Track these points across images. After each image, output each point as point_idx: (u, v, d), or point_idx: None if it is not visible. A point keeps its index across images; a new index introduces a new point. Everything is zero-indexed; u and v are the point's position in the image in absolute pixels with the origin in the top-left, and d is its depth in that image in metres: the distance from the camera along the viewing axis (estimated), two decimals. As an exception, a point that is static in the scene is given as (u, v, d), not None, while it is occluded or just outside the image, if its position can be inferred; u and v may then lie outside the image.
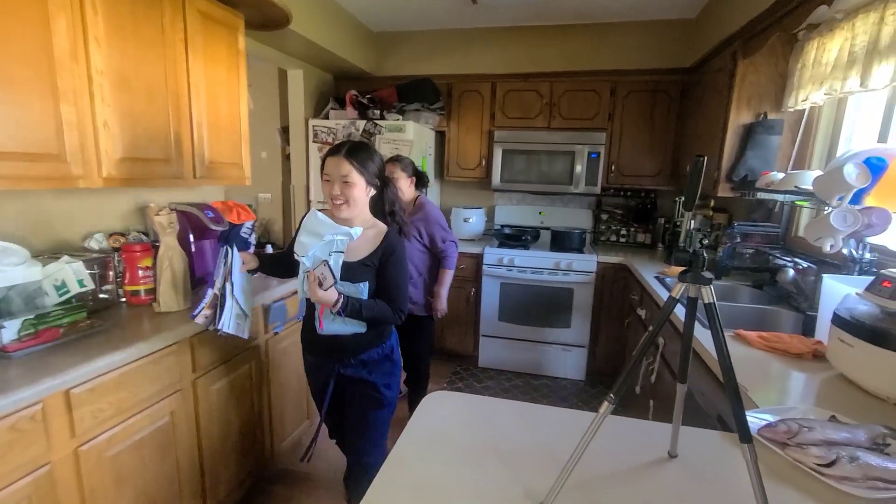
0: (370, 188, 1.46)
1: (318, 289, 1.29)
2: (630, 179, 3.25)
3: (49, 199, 1.64)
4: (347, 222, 1.43)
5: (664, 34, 3.10)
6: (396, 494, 0.75)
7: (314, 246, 1.40)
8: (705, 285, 0.62)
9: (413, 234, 2.21)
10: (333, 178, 1.39)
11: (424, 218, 2.27)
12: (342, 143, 1.44)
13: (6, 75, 1.20)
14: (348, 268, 1.41)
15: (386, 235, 1.46)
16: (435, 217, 2.29)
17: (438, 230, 2.27)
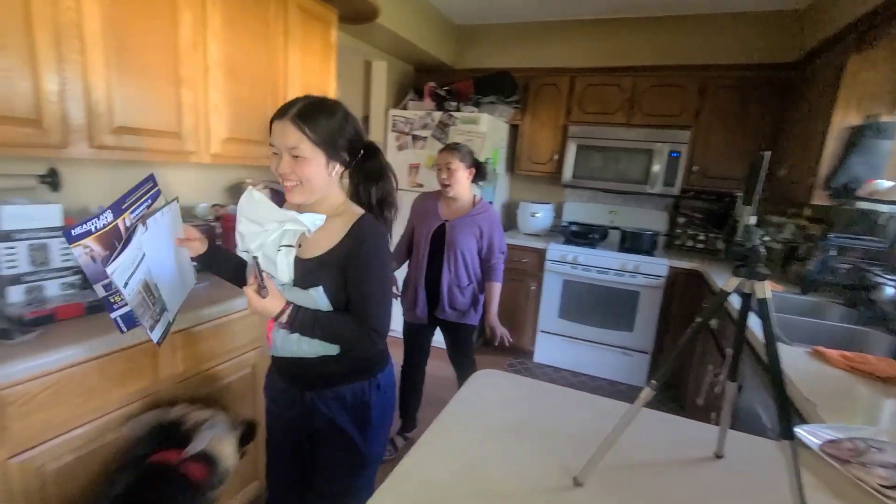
0: (334, 164, 1.03)
1: (255, 296, 0.94)
2: (714, 182, 3.05)
3: (165, 170, 1.90)
4: (306, 210, 1.04)
5: (764, 26, 2.86)
6: (438, 456, 0.82)
7: (256, 236, 1.03)
8: (760, 281, 0.61)
9: (473, 232, 2.02)
10: (280, 150, 0.99)
11: (490, 219, 2.05)
12: (293, 101, 1.01)
13: (142, 64, 1.42)
14: (301, 268, 1.03)
15: (357, 223, 1.03)
16: (499, 221, 2.11)
17: (500, 237, 2.07)
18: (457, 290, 2.08)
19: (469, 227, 2.02)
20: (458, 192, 2.02)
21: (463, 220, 2.04)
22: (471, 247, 2.03)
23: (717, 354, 2.03)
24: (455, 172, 1.97)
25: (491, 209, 2.10)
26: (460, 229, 2.02)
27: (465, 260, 2.04)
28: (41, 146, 1.22)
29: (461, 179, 1.99)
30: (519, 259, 3.36)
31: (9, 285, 1.19)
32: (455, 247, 2.02)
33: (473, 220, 2.03)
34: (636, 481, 0.78)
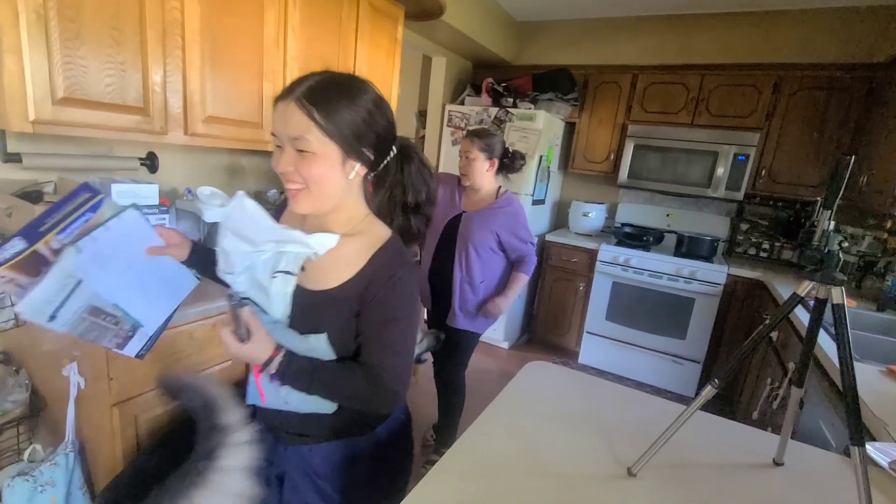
0: (353, 165, 0.78)
1: (232, 340, 0.73)
2: (783, 188, 2.89)
3: (241, 157, 2.05)
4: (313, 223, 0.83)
5: (850, 24, 2.66)
6: (497, 435, 0.87)
7: (245, 258, 0.80)
8: (837, 286, 0.61)
9: (491, 227, 1.84)
10: (282, 141, 0.75)
11: (512, 213, 1.86)
12: (305, 76, 0.76)
13: (232, 59, 1.55)
14: (302, 302, 0.79)
15: (383, 248, 0.80)
16: (522, 215, 1.90)
17: (525, 231, 1.89)
18: (468, 288, 1.89)
19: (487, 221, 1.84)
20: (477, 182, 1.86)
21: (481, 214, 1.86)
22: (487, 243, 1.85)
23: (778, 367, 1.95)
24: (473, 162, 1.83)
25: (515, 202, 1.90)
26: (477, 223, 1.85)
27: (480, 256, 1.87)
28: (146, 132, 1.37)
29: (479, 171, 1.84)
30: (568, 258, 3.33)
31: (115, 254, 1.34)
32: (468, 241, 1.85)
33: (493, 214, 1.85)
34: (690, 479, 0.79)
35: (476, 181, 1.87)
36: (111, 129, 1.29)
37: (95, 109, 1.23)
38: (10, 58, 1.07)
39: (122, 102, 1.29)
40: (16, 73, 1.08)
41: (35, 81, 1.11)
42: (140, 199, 1.39)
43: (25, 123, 1.12)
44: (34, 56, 1.10)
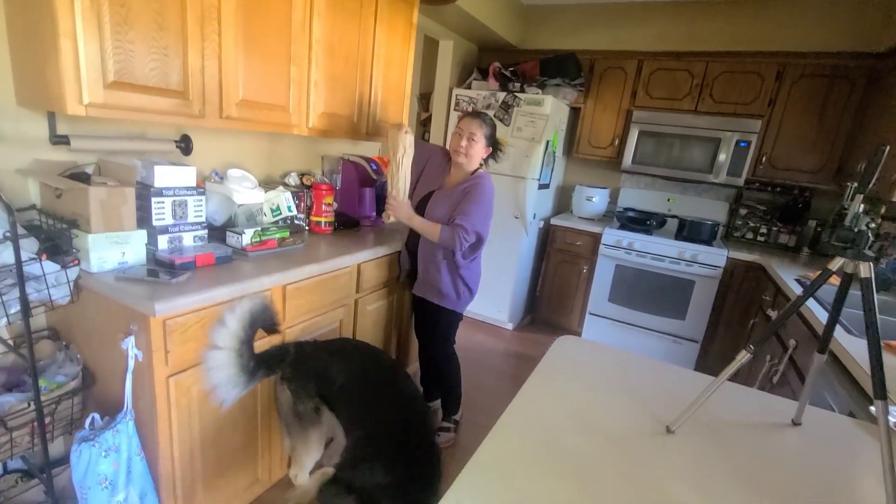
0: None
1: None
2: (782, 174, 2.99)
3: (267, 140, 2.08)
4: None
5: (853, 12, 2.73)
6: (547, 399, 0.95)
7: None
8: (865, 262, 0.69)
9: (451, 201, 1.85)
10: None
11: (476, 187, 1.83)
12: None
13: (262, 44, 1.58)
14: None
15: None
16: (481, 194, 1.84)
17: (475, 209, 1.81)
18: (431, 265, 1.92)
19: (449, 198, 1.87)
20: (470, 163, 1.88)
21: (447, 192, 1.89)
22: (445, 219, 1.85)
23: (778, 345, 2.06)
24: (475, 145, 1.84)
25: (483, 181, 1.86)
26: (442, 202, 1.88)
27: None
28: (185, 115, 1.40)
29: (477, 154, 1.87)
30: (572, 242, 3.42)
31: (159, 235, 1.39)
32: (430, 216, 1.87)
33: (457, 190, 1.86)
34: (721, 436, 0.88)
35: (470, 163, 1.89)
36: (154, 113, 1.32)
37: (141, 93, 1.27)
38: (66, 42, 1.10)
39: (165, 86, 1.32)
40: (70, 57, 1.11)
41: (88, 65, 1.14)
42: (179, 180, 1.43)
43: (79, 107, 1.15)
44: (88, 40, 1.13)
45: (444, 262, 1.91)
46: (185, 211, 1.46)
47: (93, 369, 1.36)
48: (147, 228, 1.36)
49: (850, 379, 1.31)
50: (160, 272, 1.30)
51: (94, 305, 1.28)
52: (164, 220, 1.41)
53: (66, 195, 1.25)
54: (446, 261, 1.91)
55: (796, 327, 1.88)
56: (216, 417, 1.40)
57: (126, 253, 1.31)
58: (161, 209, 1.39)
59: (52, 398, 1.25)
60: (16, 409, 1.21)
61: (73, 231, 1.23)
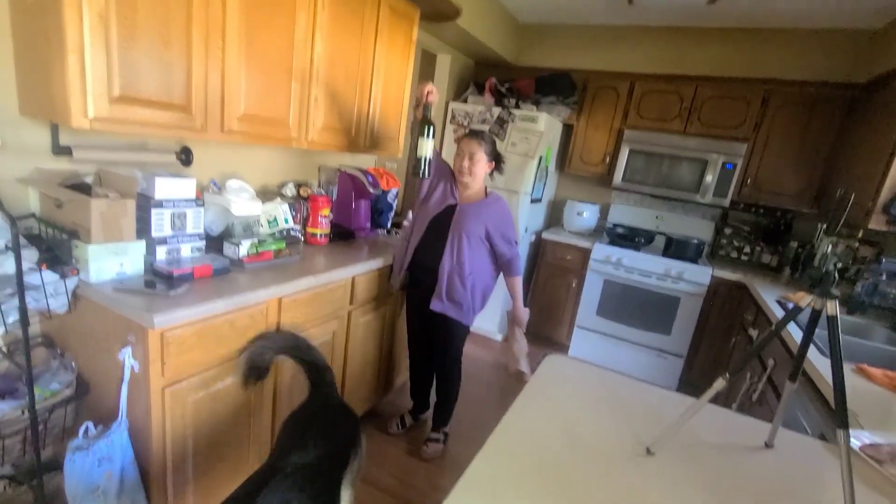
0: None
1: None
2: (766, 196, 3.08)
3: (265, 151, 2.11)
4: None
5: (836, 45, 2.85)
6: (538, 414, 0.99)
7: None
8: (832, 300, 0.74)
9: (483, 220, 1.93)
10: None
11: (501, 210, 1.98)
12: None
13: (264, 58, 1.61)
14: None
15: None
16: (509, 214, 2.02)
17: (511, 229, 1.99)
18: (457, 278, 1.94)
19: (479, 214, 1.94)
20: (474, 183, 1.96)
21: (475, 207, 1.95)
22: (477, 232, 1.93)
23: (758, 364, 2.13)
24: (477, 164, 1.92)
25: (503, 201, 2.02)
26: (472, 216, 1.93)
27: (472, 245, 1.93)
28: (187, 129, 1.43)
29: (480, 172, 1.95)
30: (563, 256, 3.49)
31: (157, 246, 1.41)
32: (462, 231, 1.91)
33: (485, 208, 1.95)
34: (698, 458, 0.93)
35: (474, 182, 1.97)
36: (157, 127, 1.35)
37: (145, 107, 1.29)
38: (73, 57, 1.12)
39: (169, 100, 1.35)
40: (77, 72, 1.14)
41: (95, 79, 1.16)
42: (179, 192, 1.46)
43: (84, 120, 1.17)
44: (95, 55, 1.15)
45: (471, 275, 1.95)
46: (183, 222, 1.48)
47: (87, 378, 1.37)
48: (146, 239, 1.38)
49: (823, 401, 1.37)
50: (157, 283, 1.32)
51: (92, 315, 1.30)
52: (164, 231, 1.43)
53: (67, 206, 1.27)
54: (472, 274, 1.96)
55: (775, 348, 1.95)
56: (210, 429, 1.41)
57: (124, 263, 1.33)
58: (160, 220, 1.42)
59: (46, 406, 1.26)
60: (9, 417, 1.21)
61: (73, 241, 1.25)
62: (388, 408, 2.48)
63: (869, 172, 2.30)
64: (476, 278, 1.98)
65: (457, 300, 1.97)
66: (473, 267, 1.95)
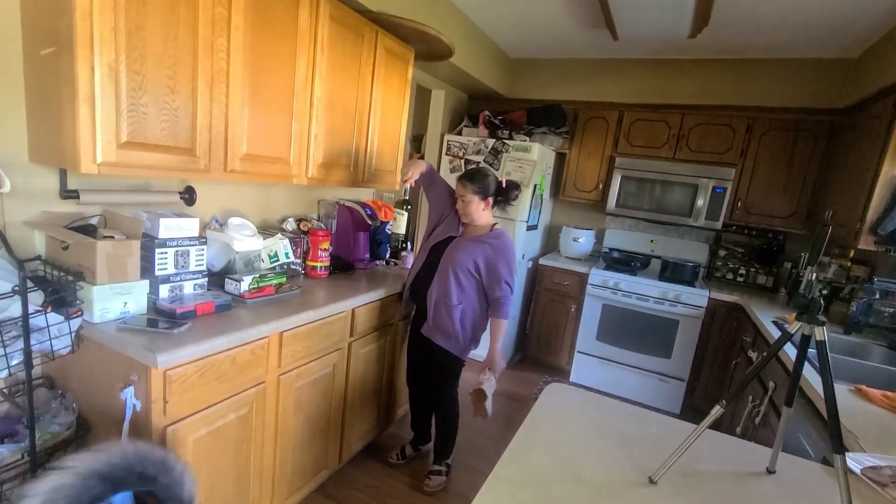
0: None
1: None
2: (757, 218, 3.15)
3: (265, 187, 2.16)
4: None
5: (815, 73, 2.97)
6: (538, 447, 1.00)
7: None
8: (819, 326, 0.77)
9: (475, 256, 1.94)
10: None
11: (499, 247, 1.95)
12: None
13: (266, 102, 1.68)
14: None
15: None
16: (509, 252, 1.98)
17: (505, 269, 1.95)
18: (443, 308, 1.96)
19: (473, 249, 1.95)
20: (474, 220, 2.02)
21: (471, 241, 1.98)
22: (466, 267, 1.94)
23: (759, 386, 2.13)
24: (469, 205, 1.97)
25: (504, 238, 1.99)
26: (464, 249, 1.96)
27: (459, 280, 1.94)
28: (192, 170, 1.47)
29: (475, 211, 1.99)
30: (560, 281, 3.51)
31: (160, 284, 1.44)
32: (450, 262, 1.95)
33: (481, 244, 1.95)
34: (700, 486, 0.93)
35: (474, 220, 2.02)
36: (162, 169, 1.39)
37: (151, 151, 1.34)
38: (84, 106, 1.18)
39: (174, 144, 1.40)
40: (88, 120, 1.19)
41: (104, 127, 1.21)
42: (183, 231, 1.49)
43: (92, 165, 1.21)
44: (105, 105, 1.21)
45: (457, 306, 1.96)
46: (186, 260, 1.51)
47: (87, 418, 1.37)
48: (149, 278, 1.41)
49: (823, 423, 1.37)
50: (160, 322, 1.34)
51: (94, 355, 1.31)
52: (167, 269, 1.46)
53: (73, 248, 1.29)
54: (461, 305, 1.96)
55: (775, 370, 1.96)
56: (211, 468, 1.40)
57: (128, 303, 1.35)
58: (164, 259, 1.44)
59: (46, 448, 1.25)
60: (9, 461, 1.21)
61: (78, 283, 1.27)
62: (390, 440, 2.45)
63: (855, 194, 2.36)
64: (465, 311, 1.98)
65: (443, 329, 1.98)
66: (462, 299, 1.96)
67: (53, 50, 1.20)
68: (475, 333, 2.05)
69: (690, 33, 2.67)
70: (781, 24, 2.59)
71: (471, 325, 2.02)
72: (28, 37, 1.29)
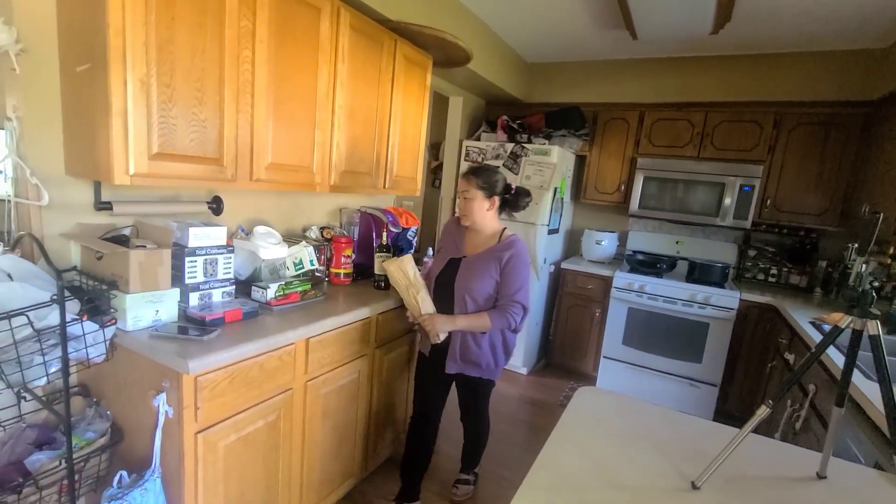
0: None
1: None
2: (788, 216, 3.04)
3: (290, 196, 2.19)
4: None
5: (844, 65, 2.87)
6: (569, 453, 0.97)
7: None
8: (872, 319, 0.73)
9: (490, 272, 1.73)
10: None
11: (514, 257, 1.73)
12: None
13: (290, 112, 1.70)
14: None
15: None
16: (523, 262, 1.75)
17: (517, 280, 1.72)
18: (471, 339, 1.77)
19: (486, 264, 1.73)
20: (477, 223, 1.79)
21: (481, 258, 1.75)
22: (485, 289, 1.73)
23: (798, 390, 2.04)
24: (471, 202, 1.75)
25: (519, 247, 1.75)
26: (476, 269, 1.74)
27: (481, 304, 1.74)
28: (219, 180, 1.50)
29: (477, 210, 1.75)
30: (584, 285, 3.45)
31: (190, 292, 1.46)
32: (465, 290, 1.74)
33: (493, 260, 1.73)
34: (747, 492, 0.89)
35: (476, 221, 1.79)
36: (191, 179, 1.42)
37: (181, 162, 1.37)
38: (117, 119, 1.21)
39: (203, 154, 1.43)
40: (120, 133, 1.22)
41: (136, 140, 1.25)
42: (211, 240, 1.52)
43: (125, 177, 1.25)
44: (137, 117, 1.24)
45: (485, 335, 1.77)
46: (215, 268, 1.54)
47: (121, 425, 1.39)
48: (179, 286, 1.43)
49: (874, 428, 1.30)
50: (190, 329, 1.36)
51: (127, 362, 1.33)
52: (196, 277, 1.48)
53: (107, 257, 1.33)
54: (489, 334, 1.78)
55: (815, 372, 1.87)
56: (240, 474, 1.41)
57: (160, 311, 1.37)
58: (194, 268, 1.47)
59: (82, 455, 1.28)
60: (47, 468, 1.23)
61: (111, 291, 1.30)
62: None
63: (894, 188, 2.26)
64: (494, 336, 1.80)
65: (473, 361, 1.80)
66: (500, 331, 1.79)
67: (88, 66, 1.25)
68: (508, 353, 1.89)
69: (713, 29, 2.61)
70: (807, 17, 2.52)
71: (502, 345, 1.83)
72: (64, 55, 1.34)
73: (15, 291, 1.14)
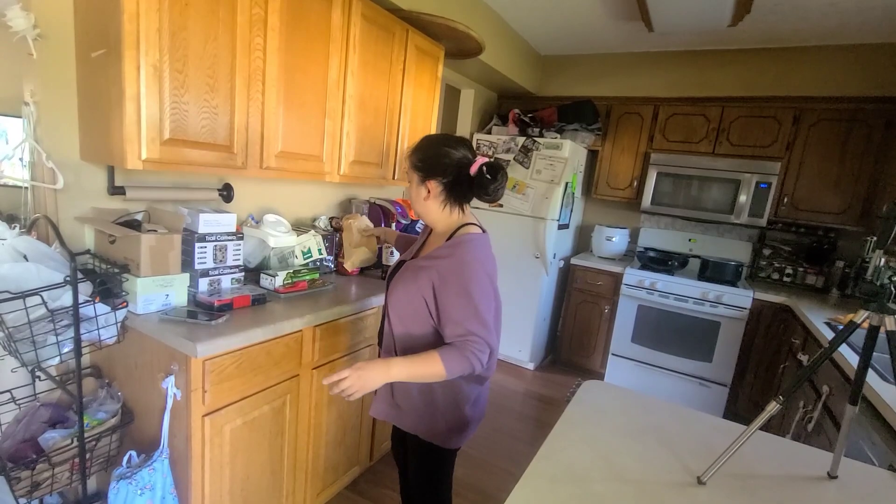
0: None
1: None
2: (806, 215, 2.97)
3: (300, 185, 2.20)
4: None
5: (869, 59, 2.79)
6: (574, 445, 0.96)
7: None
8: (890, 315, 0.70)
9: (420, 286, 1.17)
10: None
11: (452, 266, 1.14)
12: None
13: (301, 100, 1.70)
14: None
15: None
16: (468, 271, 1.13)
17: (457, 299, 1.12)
18: None
19: (414, 274, 1.20)
20: (421, 216, 1.27)
21: (415, 264, 1.22)
22: (408, 308, 1.19)
23: (810, 390, 2.00)
24: (410, 187, 1.27)
25: (463, 250, 1.15)
26: (404, 280, 1.22)
27: (407, 326, 1.21)
28: (229, 167, 1.51)
29: (418, 199, 1.24)
30: (593, 281, 3.42)
31: (200, 278, 1.48)
32: (389, 304, 1.25)
33: (427, 264, 1.18)
34: (755, 489, 0.87)
35: (420, 214, 1.27)
36: (202, 166, 1.43)
37: (192, 148, 1.38)
38: (131, 105, 1.22)
39: (213, 141, 1.44)
40: (133, 118, 1.23)
41: (148, 125, 1.26)
42: (221, 226, 1.53)
43: (138, 162, 1.26)
44: (149, 103, 1.25)
45: None
46: (224, 255, 1.55)
47: (132, 407, 1.42)
48: (189, 271, 1.45)
49: (888, 429, 1.27)
50: (199, 313, 1.37)
51: (138, 345, 1.35)
52: (206, 263, 1.50)
53: (120, 241, 1.35)
54: None
55: (829, 373, 1.83)
56: (246, 458, 1.42)
57: (170, 295, 1.39)
58: (203, 254, 1.48)
59: (94, 434, 1.30)
60: (60, 446, 1.26)
61: (123, 275, 1.32)
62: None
63: (916, 186, 2.20)
64: None
65: (400, 405, 1.26)
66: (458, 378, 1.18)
67: (103, 52, 1.26)
68: (457, 404, 1.23)
69: (731, 21, 2.55)
70: (830, 9, 2.45)
71: (451, 397, 1.22)
72: (80, 42, 1.36)
73: (30, 272, 1.17)
